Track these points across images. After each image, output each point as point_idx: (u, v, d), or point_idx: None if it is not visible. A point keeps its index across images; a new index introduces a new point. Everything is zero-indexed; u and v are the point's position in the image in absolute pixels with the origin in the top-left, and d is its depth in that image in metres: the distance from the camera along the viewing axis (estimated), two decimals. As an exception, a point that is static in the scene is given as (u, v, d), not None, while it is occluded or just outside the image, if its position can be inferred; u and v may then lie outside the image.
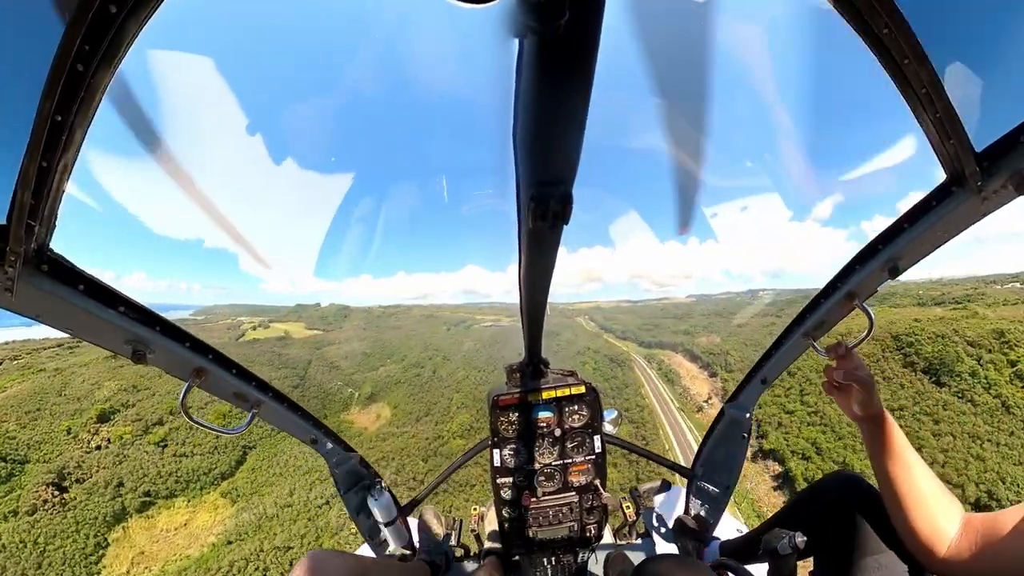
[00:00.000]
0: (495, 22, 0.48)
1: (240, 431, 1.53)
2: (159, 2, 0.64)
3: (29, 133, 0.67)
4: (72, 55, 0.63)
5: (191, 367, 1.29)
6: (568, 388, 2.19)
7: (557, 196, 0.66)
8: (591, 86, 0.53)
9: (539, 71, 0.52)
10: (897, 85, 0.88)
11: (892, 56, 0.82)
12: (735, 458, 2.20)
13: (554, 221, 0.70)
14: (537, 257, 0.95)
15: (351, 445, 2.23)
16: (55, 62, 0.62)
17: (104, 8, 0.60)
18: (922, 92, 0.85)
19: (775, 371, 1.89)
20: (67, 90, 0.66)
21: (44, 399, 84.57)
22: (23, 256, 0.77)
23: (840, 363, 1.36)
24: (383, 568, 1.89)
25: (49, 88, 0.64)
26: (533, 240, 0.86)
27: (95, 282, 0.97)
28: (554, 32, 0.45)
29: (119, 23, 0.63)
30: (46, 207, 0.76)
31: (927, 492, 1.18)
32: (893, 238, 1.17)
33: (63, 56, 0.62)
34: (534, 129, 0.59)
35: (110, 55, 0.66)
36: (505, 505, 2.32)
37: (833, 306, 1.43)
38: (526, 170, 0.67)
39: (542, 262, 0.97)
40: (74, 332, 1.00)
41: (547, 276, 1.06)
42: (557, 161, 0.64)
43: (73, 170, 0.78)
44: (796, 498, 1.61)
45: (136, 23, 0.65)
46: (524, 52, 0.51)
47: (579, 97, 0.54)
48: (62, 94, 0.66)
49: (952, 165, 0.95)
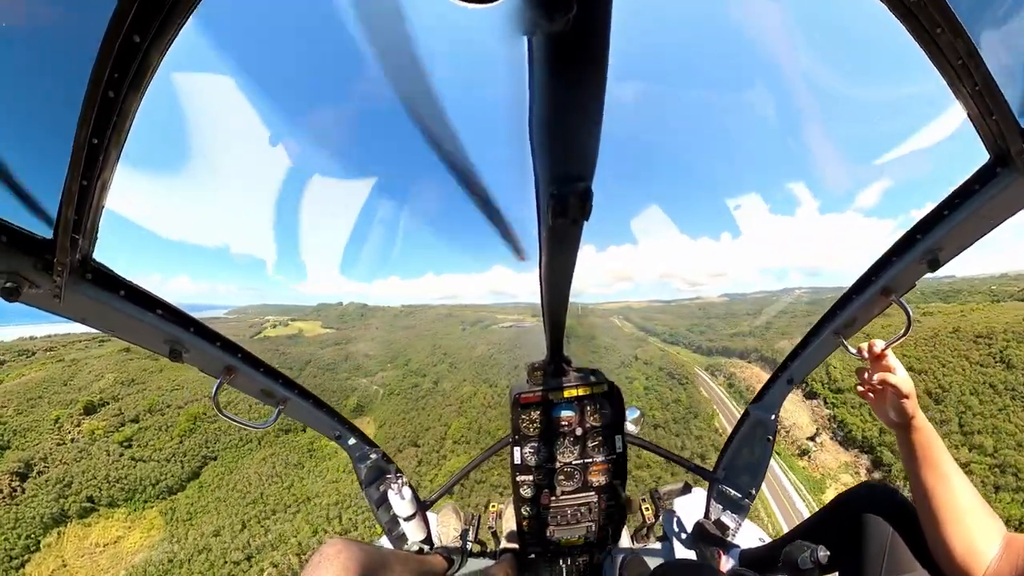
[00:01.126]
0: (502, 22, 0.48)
1: (268, 426, 1.62)
2: (179, 28, 0.69)
3: (69, 155, 0.75)
4: (103, 83, 0.69)
5: (222, 365, 1.38)
6: (590, 387, 2.17)
7: (577, 193, 0.66)
8: (605, 79, 0.52)
9: (551, 68, 0.51)
10: (931, 58, 0.80)
11: (924, 25, 0.75)
12: (760, 462, 2.10)
13: (575, 218, 0.70)
14: (559, 255, 0.94)
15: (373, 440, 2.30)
16: (88, 90, 0.69)
17: (129, 39, 0.66)
18: (958, 63, 0.78)
19: (802, 371, 1.79)
20: (101, 115, 0.73)
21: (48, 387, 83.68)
22: (69, 266, 0.86)
23: (874, 364, 1.27)
24: (401, 560, 1.94)
25: (84, 114, 0.72)
26: (554, 238, 0.86)
27: (135, 288, 1.06)
28: (563, 27, 0.45)
29: (144, 51, 0.69)
30: (88, 222, 0.85)
31: (966, 507, 1.09)
32: (932, 227, 1.07)
33: (95, 84, 0.69)
34: (550, 126, 0.59)
35: (137, 81, 0.73)
36: (524, 503, 2.33)
37: (866, 302, 1.33)
38: (544, 168, 0.67)
39: (564, 259, 0.97)
40: (116, 334, 1.10)
41: (569, 273, 1.05)
42: (575, 157, 0.64)
43: (111, 187, 0.86)
44: (822, 509, 1.51)
45: (159, 50, 0.71)
46: (534, 50, 0.51)
47: (593, 91, 0.54)
48: (96, 119, 0.73)
49: (995, 143, 0.86)
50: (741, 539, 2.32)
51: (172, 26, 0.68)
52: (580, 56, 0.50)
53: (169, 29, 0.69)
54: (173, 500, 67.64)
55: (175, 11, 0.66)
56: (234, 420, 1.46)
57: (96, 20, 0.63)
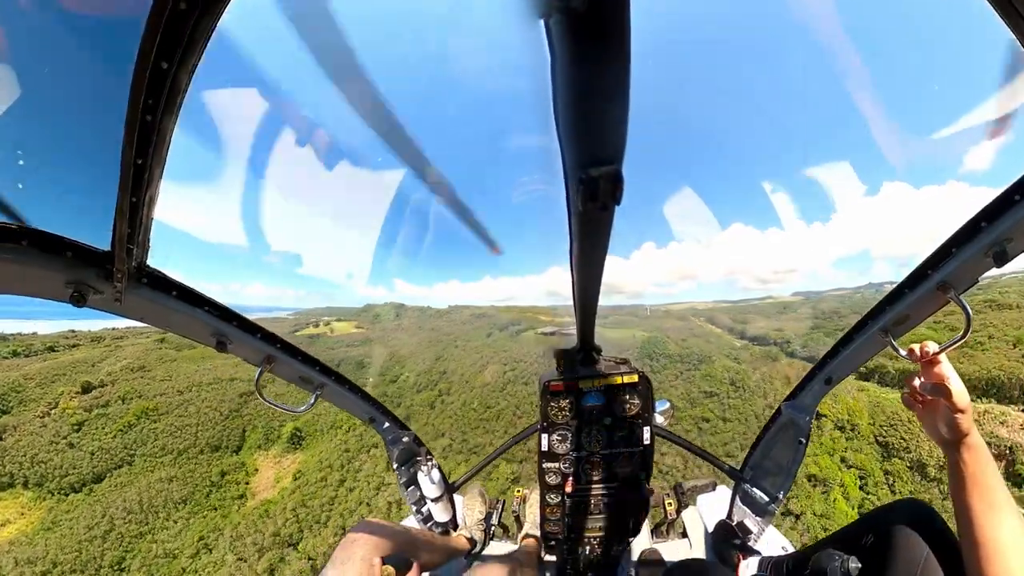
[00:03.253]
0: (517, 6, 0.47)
1: (306, 410, 1.75)
2: (203, 50, 0.75)
3: (119, 175, 0.85)
4: (140, 108, 0.77)
5: (263, 355, 1.51)
6: (620, 376, 2.15)
7: (607, 176, 0.63)
8: (628, 57, 0.50)
9: (571, 48, 0.49)
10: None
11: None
12: (790, 465, 2.00)
13: (605, 203, 0.67)
14: (589, 241, 0.92)
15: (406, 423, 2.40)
16: (128, 116, 0.78)
17: (158, 65, 0.72)
18: None
19: (842, 371, 1.66)
20: (142, 137, 0.81)
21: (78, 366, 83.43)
22: (127, 273, 0.98)
23: (925, 370, 1.14)
24: (427, 539, 2.07)
25: (127, 137, 0.81)
26: (584, 224, 0.84)
27: (185, 288, 1.19)
28: (580, 5, 0.44)
29: (172, 76, 0.75)
30: (140, 233, 0.96)
31: (1012, 541, 0.98)
32: (1000, 214, 0.93)
33: (132, 109, 0.77)
34: (574, 109, 0.57)
35: (170, 104, 0.80)
36: (549, 490, 2.38)
37: (920, 298, 1.19)
38: (571, 153, 0.65)
39: (595, 245, 0.95)
40: (170, 329, 1.25)
41: (600, 260, 1.03)
42: (602, 140, 0.61)
43: (158, 201, 0.98)
44: (858, 520, 1.42)
45: (187, 72, 0.78)
46: (552, 32, 0.49)
47: (617, 70, 0.51)
48: (139, 141, 0.82)
49: None
50: (763, 545, 2.24)
51: (195, 49, 0.74)
52: (601, 34, 0.47)
53: (192, 53, 0.74)
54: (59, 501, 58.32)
55: (196, 35, 0.71)
56: (274, 404, 1.60)
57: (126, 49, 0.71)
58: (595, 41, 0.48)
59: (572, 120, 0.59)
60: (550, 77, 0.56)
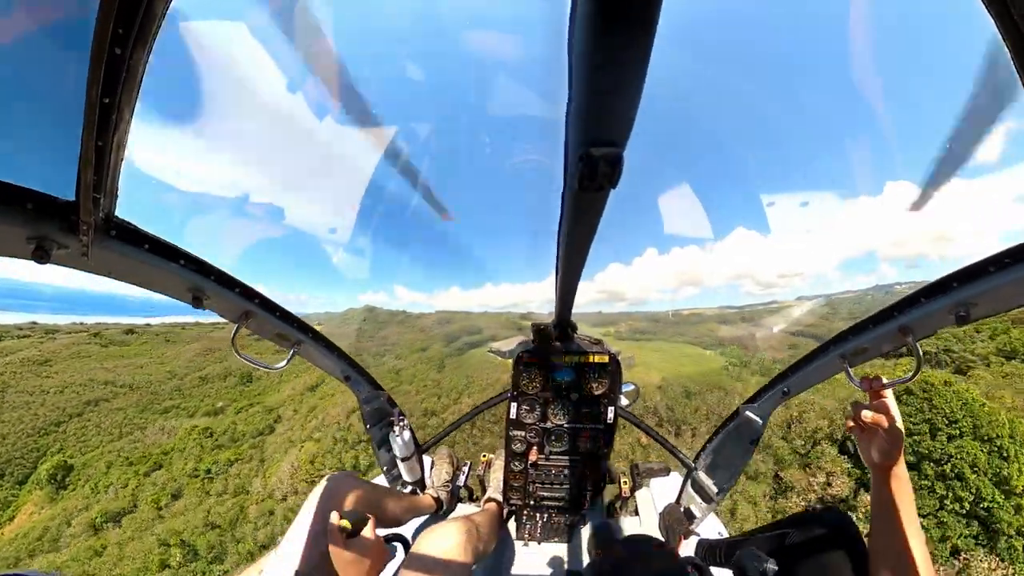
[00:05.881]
0: None
1: (283, 367, 1.75)
2: None
3: (83, 116, 0.75)
4: (108, 39, 0.67)
5: (240, 310, 1.47)
6: (593, 356, 2.22)
7: (607, 158, 0.62)
8: (652, 37, 0.48)
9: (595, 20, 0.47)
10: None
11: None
12: (737, 462, 2.17)
13: (601, 184, 0.66)
14: (581, 220, 0.91)
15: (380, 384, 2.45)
16: (94, 48, 0.68)
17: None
18: None
19: (800, 385, 1.78)
20: (109, 73, 0.72)
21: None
22: (93, 225, 0.90)
23: (872, 399, 1.25)
24: (394, 497, 2.18)
25: (93, 74, 0.70)
26: (578, 202, 0.82)
27: (158, 240, 1.11)
28: None
29: (147, 1, 0.66)
30: (108, 181, 0.87)
31: (916, 557, 1.15)
32: (972, 280, 1.00)
33: (100, 42, 0.67)
34: (588, 85, 0.55)
35: (143, 34, 0.71)
36: (514, 457, 2.51)
37: (881, 335, 1.28)
38: (576, 128, 0.63)
39: (585, 225, 0.94)
40: (142, 284, 1.18)
41: (588, 240, 1.03)
42: (610, 120, 0.59)
43: (127, 143, 0.87)
44: (781, 522, 1.59)
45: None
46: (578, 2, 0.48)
47: (637, 50, 0.49)
48: (105, 78, 0.72)
49: None
50: (703, 529, 2.47)
51: None
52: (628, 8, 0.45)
53: None
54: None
55: None
56: (250, 361, 1.58)
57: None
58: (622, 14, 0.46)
59: (584, 94, 0.57)
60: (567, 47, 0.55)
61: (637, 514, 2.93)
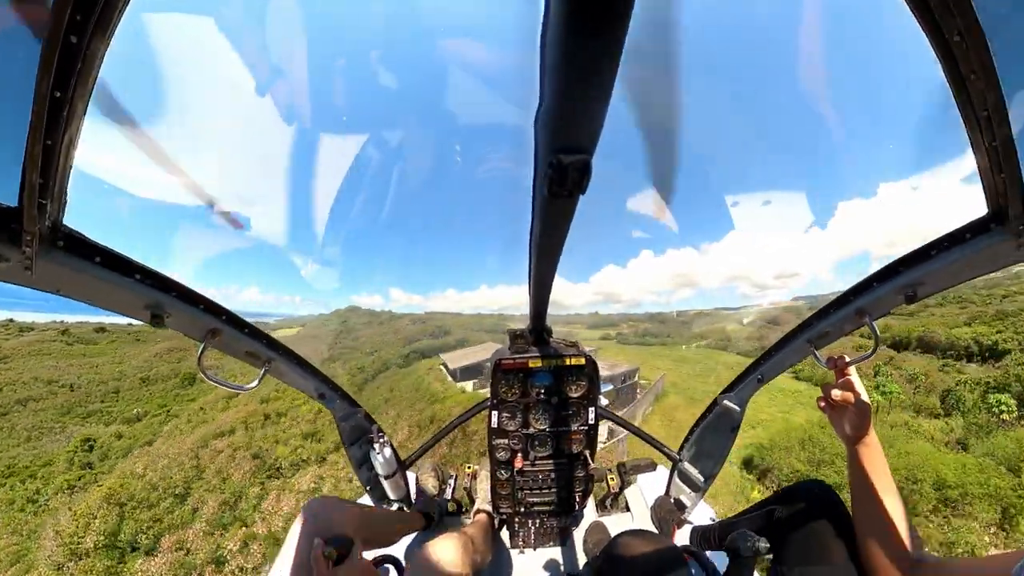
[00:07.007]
0: None
1: (253, 387, 1.63)
2: None
3: (30, 112, 0.66)
4: (64, 26, 0.61)
5: (206, 328, 1.35)
6: (569, 358, 2.24)
7: (576, 165, 0.64)
8: (621, 48, 0.49)
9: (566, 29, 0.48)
10: (957, 99, 0.80)
11: (958, 67, 0.75)
12: (720, 450, 2.26)
13: (571, 190, 0.68)
14: (551, 225, 0.93)
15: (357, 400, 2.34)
16: (48, 36, 0.61)
17: None
18: (983, 114, 0.79)
19: (773, 371, 1.90)
20: (63, 64, 0.65)
21: None
22: (38, 235, 0.79)
23: (838, 378, 1.37)
24: (381, 516, 2.08)
25: (45, 64, 0.63)
26: (548, 208, 0.84)
27: (111, 253, 0.99)
28: None
29: None
30: (55, 185, 0.77)
31: (894, 518, 1.25)
32: (917, 263, 1.12)
33: (54, 28, 0.61)
34: (557, 93, 0.57)
35: (103, 22, 0.65)
36: (499, 466, 2.47)
37: (841, 319, 1.42)
38: (546, 136, 0.65)
39: (556, 230, 0.96)
40: (94, 302, 1.05)
41: (559, 245, 1.05)
42: (578, 129, 0.61)
43: (78, 144, 0.78)
44: (768, 499, 1.69)
45: None
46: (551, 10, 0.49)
47: (606, 60, 0.51)
48: (58, 69, 0.65)
49: (996, 200, 0.89)
50: (695, 516, 2.56)
51: None
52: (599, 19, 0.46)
53: None
54: None
55: None
56: (219, 383, 1.46)
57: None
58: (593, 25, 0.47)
59: (553, 103, 0.59)
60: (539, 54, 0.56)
61: (628, 510, 2.98)
